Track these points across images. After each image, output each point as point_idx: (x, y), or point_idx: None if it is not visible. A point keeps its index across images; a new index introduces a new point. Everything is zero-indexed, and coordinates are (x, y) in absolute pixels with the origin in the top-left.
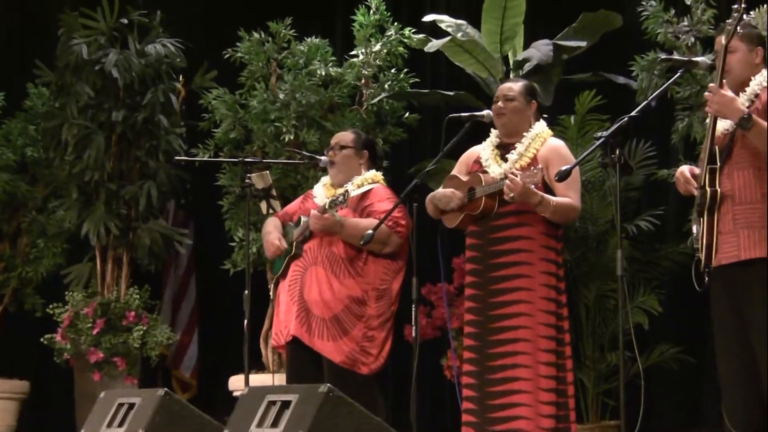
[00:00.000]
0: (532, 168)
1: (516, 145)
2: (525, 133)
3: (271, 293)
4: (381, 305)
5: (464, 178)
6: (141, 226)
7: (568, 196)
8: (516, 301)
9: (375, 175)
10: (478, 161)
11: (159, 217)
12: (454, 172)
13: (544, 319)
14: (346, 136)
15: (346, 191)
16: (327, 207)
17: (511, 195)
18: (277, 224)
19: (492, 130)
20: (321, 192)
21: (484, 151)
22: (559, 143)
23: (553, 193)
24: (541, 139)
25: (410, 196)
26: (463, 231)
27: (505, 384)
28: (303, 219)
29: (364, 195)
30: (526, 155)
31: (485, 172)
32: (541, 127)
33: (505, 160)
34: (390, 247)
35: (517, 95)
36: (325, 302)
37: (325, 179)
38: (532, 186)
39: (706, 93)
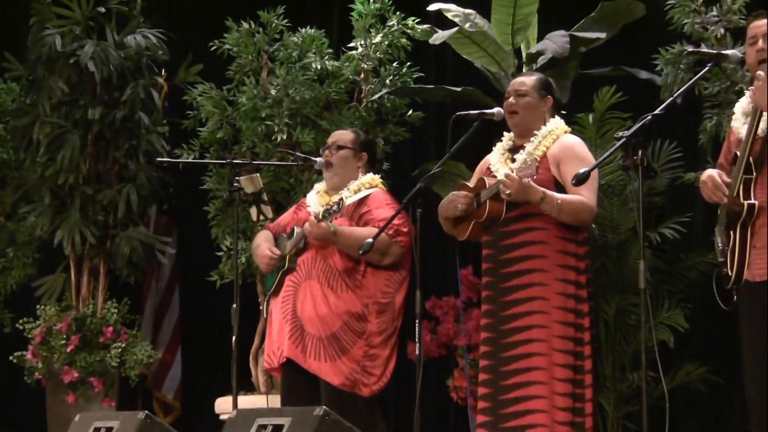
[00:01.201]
0: (526, 160)
1: (526, 145)
2: (537, 132)
3: (263, 311)
4: (383, 320)
5: (472, 185)
6: (120, 234)
7: (581, 193)
8: (529, 313)
9: (373, 178)
10: (489, 167)
11: (139, 223)
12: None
13: (560, 331)
14: (344, 136)
15: (341, 199)
16: (321, 217)
17: (508, 192)
18: (268, 237)
19: (505, 133)
20: (315, 200)
21: (494, 155)
22: (573, 140)
23: (562, 191)
24: (553, 136)
25: (413, 202)
26: (477, 242)
27: (518, 404)
28: (297, 230)
29: (362, 201)
30: (535, 154)
31: (494, 176)
32: (555, 123)
33: (514, 161)
34: (390, 257)
35: (530, 90)
36: (321, 319)
37: (319, 186)
38: (529, 180)
39: (757, 79)
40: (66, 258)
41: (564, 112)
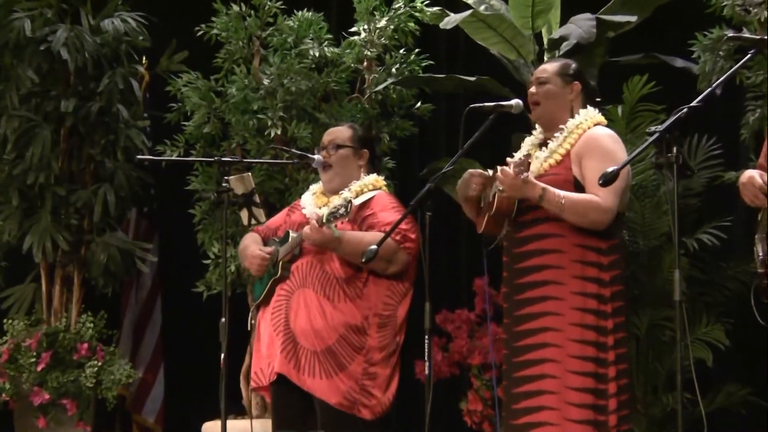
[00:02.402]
0: (521, 156)
1: (550, 140)
2: (562, 125)
3: (249, 323)
4: (384, 335)
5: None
6: (95, 240)
7: (596, 192)
8: (541, 330)
9: (376, 179)
10: None
11: (117, 228)
12: None
13: (576, 350)
14: (342, 133)
15: (350, 201)
16: (325, 220)
17: (501, 188)
18: (256, 239)
19: (537, 126)
20: (310, 202)
21: (521, 150)
22: (600, 132)
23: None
24: (581, 130)
25: (421, 204)
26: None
27: (527, 430)
28: (292, 235)
29: (365, 204)
30: (558, 152)
31: None
32: (586, 115)
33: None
34: (396, 265)
35: (551, 76)
36: (317, 332)
37: (315, 187)
38: (526, 176)
39: None
40: (36, 266)
41: (599, 99)
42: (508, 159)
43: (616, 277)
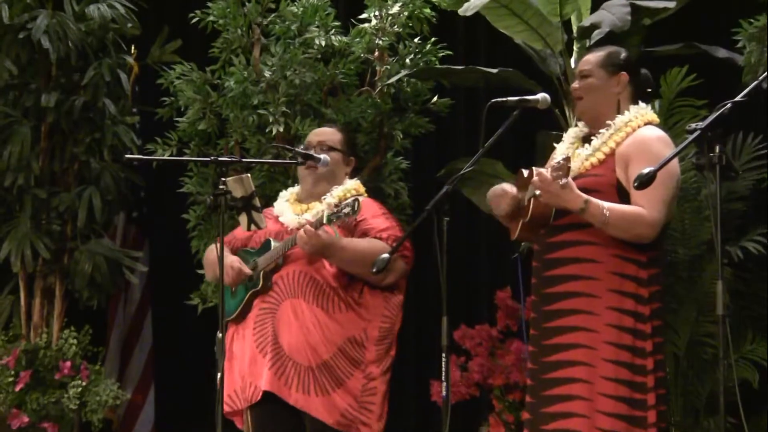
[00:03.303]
0: (560, 159)
1: (594, 137)
2: (610, 121)
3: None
4: (381, 349)
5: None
6: (79, 247)
7: (641, 203)
8: (572, 346)
9: (358, 185)
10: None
11: (103, 235)
12: None
13: (610, 372)
14: (333, 135)
15: (356, 200)
16: (326, 221)
17: (537, 193)
18: (225, 249)
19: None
20: (286, 209)
21: (560, 145)
22: (650, 133)
23: (626, 199)
24: (629, 129)
25: (438, 209)
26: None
27: None
28: (273, 243)
29: None
30: (602, 150)
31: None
32: (637, 111)
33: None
34: (393, 275)
35: (594, 68)
36: (312, 345)
37: (287, 193)
38: (565, 182)
39: None
40: (14, 277)
41: (650, 90)
42: (555, 160)
43: (656, 294)
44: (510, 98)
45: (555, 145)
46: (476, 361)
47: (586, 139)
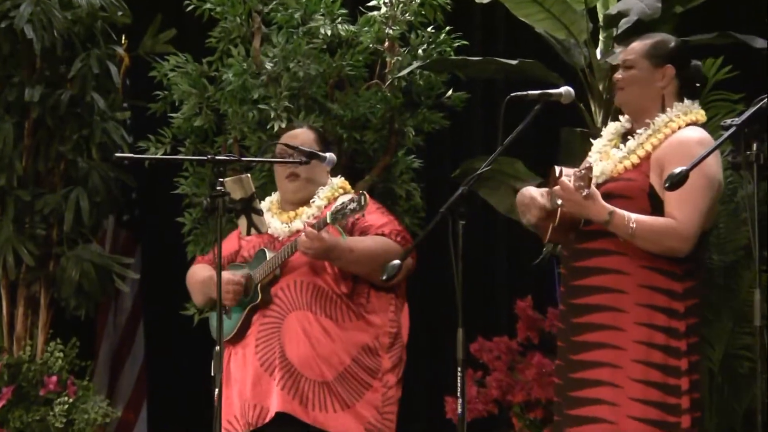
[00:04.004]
0: (583, 166)
1: (636, 134)
2: (651, 120)
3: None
4: (394, 355)
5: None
6: (66, 253)
7: (673, 214)
8: (598, 364)
9: (343, 182)
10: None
11: (92, 239)
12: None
13: (638, 392)
14: (306, 136)
15: (363, 193)
16: (330, 220)
17: (559, 202)
18: (207, 269)
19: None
20: (272, 219)
21: (598, 141)
22: (691, 135)
23: (660, 207)
24: (670, 129)
25: (454, 211)
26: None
27: None
28: (268, 253)
29: None
30: (637, 152)
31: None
32: (681, 109)
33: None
34: (401, 272)
35: (637, 59)
36: (324, 358)
37: (268, 202)
38: (588, 191)
39: None
40: None
41: (698, 84)
42: (587, 162)
43: (693, 308)
44: (531, 92)
45: (592, 141)
46: (494, 376)
47: (626, 135)
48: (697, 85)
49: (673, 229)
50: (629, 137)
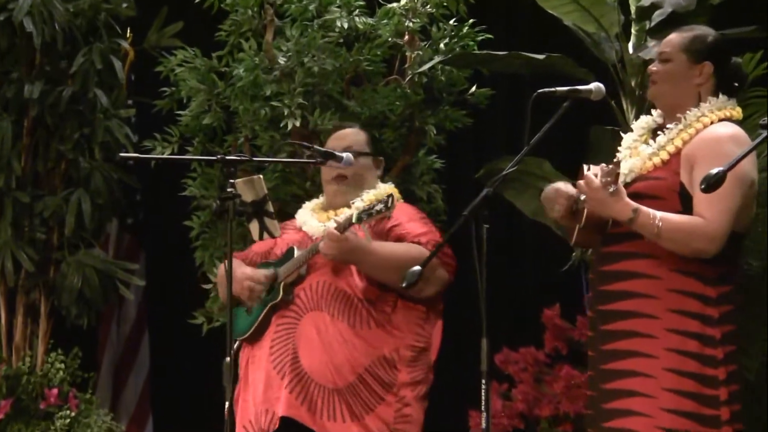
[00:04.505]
0: (613, 162)
1: (666, 129)
2: (682, 114)
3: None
4: (416, 371)
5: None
6: (67, 259)
7: (702, 213)
8: (629, 373)
9: (391, 188)
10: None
11: (94, 244)
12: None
13: (672, 403)
14: (358, 137)
15: (391, 195)
16: (355, 220)
17: (583, 197)
18: (240, 265)
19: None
20: (310, 219)
21: (627, 136)
22: (722, 131)
23: (690, 206)
24: (701, 124)
25: (477, 214)
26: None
27: None
28: (296, 251)
29: None
30: (666, 149)
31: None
32: (714, 105)
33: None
34: (433, 287)
35: (675, 52)
36: (336, 365)
37: (312, 203)
38: (614, 189)
39: None
40: None
41: (737, 84)
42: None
43: (728, 315)
44: (559, 88)
45: (622, 134)
46: (520, 389)
47: (656, 131)
48: (735, 84)
49: (701, 229)
50: (659, 133)
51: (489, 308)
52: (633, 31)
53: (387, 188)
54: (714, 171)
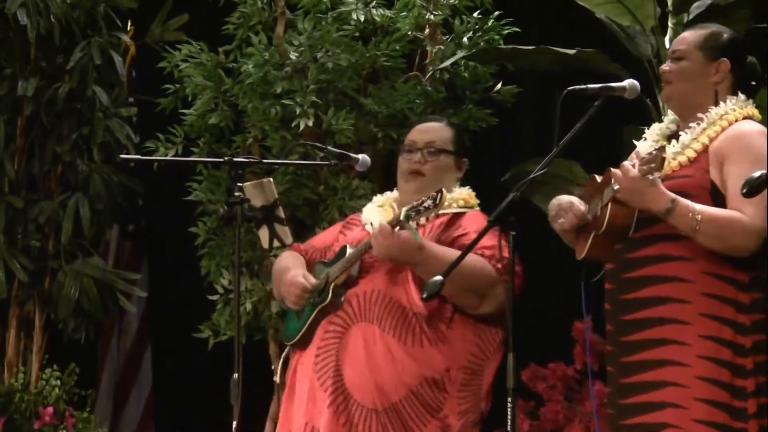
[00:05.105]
0: (653, 150)
1: (683, 132)
2: (702, 114)
3: (276, 375)
4: (467, 396)
5: (600, 180)
6: (64, 268)
7: (740, 209)
8: (658, 384)
9: (469, 194)
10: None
11: (93, 252)
12: None
13: (703, 414)
14: (443, 133)
15: (440, 190)
16: (403, 217)
17: (616, 187)
18: (298, 259)
19: (670, 111)
20: (375, 215)
21: (641, 143)
22: (749, 128)
23: (722, 205)
24: (725, 122)
25: (503, 220)
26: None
27: None
28: (349, 250)
29: (454, 221)
30: (693, 147)
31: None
32: (735, 104)
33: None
34: (492, 303)
35: (689, 50)
36: (379, 384)
37: (381, 198)
38: (654, 178)
39: None
40: None
41: (754, 83)
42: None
43: (759, 324)
44: (591, 85)
45: (635, 143)
46: (549, 407)
47: (671, 137)
48: (753, 83)
49: (742, 224)
50: (678, 137)
51: (515, 321)
52: (670, 24)
53: (461, 192)
54: (756, 174)
